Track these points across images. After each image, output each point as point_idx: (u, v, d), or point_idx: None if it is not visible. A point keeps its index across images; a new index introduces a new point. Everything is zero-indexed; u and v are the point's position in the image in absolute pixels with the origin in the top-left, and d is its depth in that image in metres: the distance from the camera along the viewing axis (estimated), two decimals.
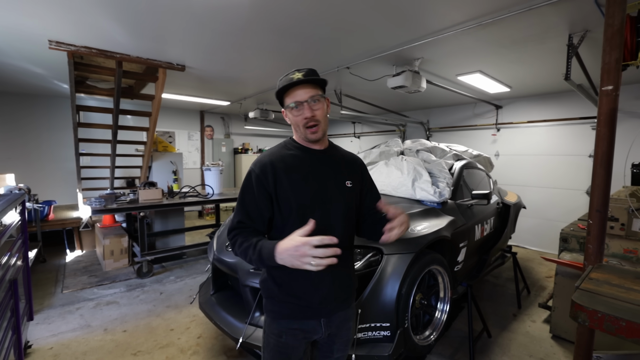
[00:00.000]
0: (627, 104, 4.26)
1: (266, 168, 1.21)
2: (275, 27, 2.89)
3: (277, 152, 1.27)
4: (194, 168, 8.29)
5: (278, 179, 1.20)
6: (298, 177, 1.22)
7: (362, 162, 1.44)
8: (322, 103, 1.23)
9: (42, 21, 2.78)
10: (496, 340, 2.78)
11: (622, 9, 1.70)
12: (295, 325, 1.25)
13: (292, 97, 1.21)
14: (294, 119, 1.23)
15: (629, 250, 2.56)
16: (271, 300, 1.28)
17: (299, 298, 1.23)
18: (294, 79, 1.19)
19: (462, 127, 6.59)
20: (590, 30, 2.76)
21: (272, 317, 1.28)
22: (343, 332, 1.35)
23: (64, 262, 4.63)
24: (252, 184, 1.21)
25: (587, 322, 1.12)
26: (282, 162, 1.23)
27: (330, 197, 1.25)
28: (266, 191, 1.20)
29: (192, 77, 4.65)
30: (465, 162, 3.52)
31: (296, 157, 1.26)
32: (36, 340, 2.70)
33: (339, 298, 1.30)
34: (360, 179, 1.38)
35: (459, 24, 2.74)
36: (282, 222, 1.22)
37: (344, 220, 1.28)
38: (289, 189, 1.20)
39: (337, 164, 1.32)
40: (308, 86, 1.21)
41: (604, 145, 1.72)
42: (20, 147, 5.90)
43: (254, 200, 1.21)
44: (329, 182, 1.27)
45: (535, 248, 5.57)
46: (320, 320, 1.27)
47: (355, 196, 1.34)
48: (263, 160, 1.25)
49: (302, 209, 1.20)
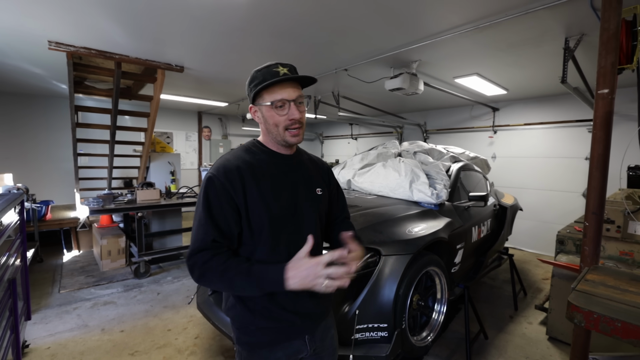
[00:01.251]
0: (623, 107, 4.30)
1: (233, 175, 1.03)
2: (274, 29, 2.90)
3: (242, 156, 1.10)
4: (191, 169, 8.29)
5: (247, 188, 1.04)
6: (268, 185, 1.07)
7: (329, 167, 1.35)
8: (305, 106, 1.11)
9: (41, 22, 2.78)
10: (493, 342, 2.79)
11: (618, 13, 1.72)
12: (279, 353, 1.11)
13: (277, 94, 1.05)
14: (276, 119, 1.07)
15: (624, 253, 2.58)
16: (244, 330, 1.11)
17: (279, 320, 1.08)
18: (280, 73, 1.04)
19: (459, 129, 6.62)
20: (586, 33, 2.80)
21: (249, 349, 1.11)
22: (327, 343, 1.24)
23: (61, 262, 4.61)
24: (217, 193, 1.02)
25: (583, 323, 1.14)
26: (249, 168, 1.07)
27: (303, 207, 1.13)
28: (234, 202, 1.02)
29: (191, 78, 4.65)
30: (463, 164, 3.54)
31: (263, 162, 1.11)
32: (33, 340, 2.69)
33: (319, 309, 1.18)
34: (328, 185, 1.28)
35: (456, 27, 2.77)
36: (251, 238, 1.06)
37: (317, 229, 1.17)
38: (260, 200, 1.04)
39: (306, 169, 1.21)
40: (296, 84, 1.08)
41: (600, 148, 1.74)
42: (18, 147, 5.88)
43: (222, 212, 1.02)
44: (300, 190, 1.14)
45: (531, 250, 5.60)
46: (304, 338, 1.14)
47: (325, 204, 1.25)
48: (227, 165, 1.06)
49: (275, 221, 1.06)
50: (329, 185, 1.30)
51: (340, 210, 1.36)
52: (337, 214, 1.34)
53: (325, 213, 1.25)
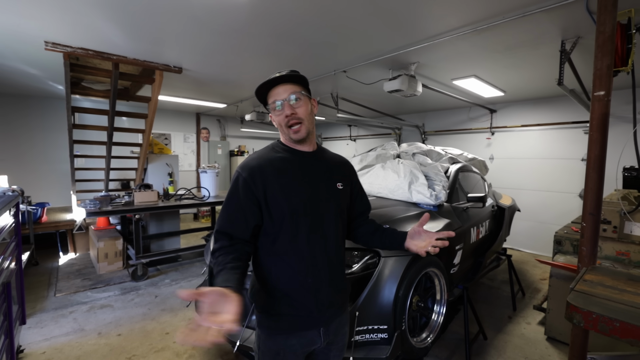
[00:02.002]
0: (618, 109, 4.35)
1: (255, 172, 1.15)
2: (274, 30, 2.91)
3: (265, 155, 1.22)
4: (189, 170, 8.26)
5: (268, 184, 1.15)
6: (288, 180, 1.17)
7: (351, 166, 1.42)
8: (304, 101, 1.18)
9: (38, 22, 2.77)
10: (492, 343, 2.80)
11: (613, 16, 1.74)
12: (294, 341, 1.18)
13: (273, 97, 1.18)
14: (277, 119, 1.20)
15: (621, 253, 2.60)
16: (266, 314, 1.20)
17: (297, 308, 1.16)
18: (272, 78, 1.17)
19: (457, 130, 6.65)
20: (582, 36, 2.82)
21: (268, 333, 1.20)
22: (339, 338, 1.31)
23: (57, 265, 4.57)
24: (239, 188, 1.15)
25: (582, 323, 1.14)
26: (271, 165, 1.18)
27: (323, 200, 1.21)
28: (254, 196, 1.14)
29: (189, 79, 4.64)
30: (461, 165, 3.55)
31: (285, 160, 1.21)
32: (28, 344, 2.66)
33: (336, 303, 1.25)
34: (350, 182, 1.36)
35: (454, 29, 2.78)
36: (273, 229, 1.16)
37: (337, 223, 1.24)
38: (280, 193, 1.15)
39: (327, 166, 1.29)
40: (288, 84, 1.17)
41: (597, 149, 1.76)
42: (13, 149, 5.83)
43: (240, 205, 1.14)
44: (320, 184, 1.23)
45: (529, 250, 5.63)
46: (319, 329, 1.21)
47: (347, 198, 1.32)
48: (251, 163, 1.18)
49: (295, 213, 1.15)
50: (352, 183, 1.38)
51: (365, 204, 1.45)
52: (361, 209, 1.43)
53: (346, 207, 1.33)
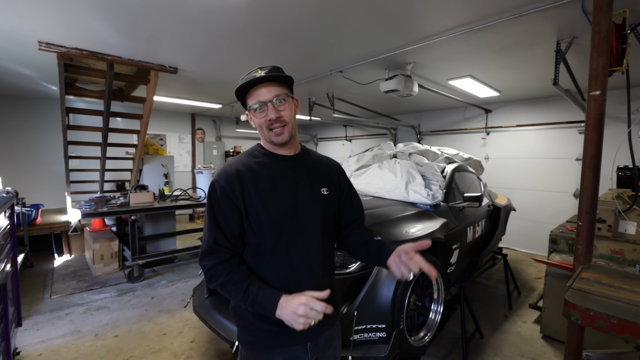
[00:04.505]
0: (613, 108, 4.39)
1: (232, 179, 1.08)
2: (270, 30, 2.90)
3: (243, 161, 1.14)
4: (185, 171, 8.22)
5: (245, 190, 1.07)
6: (267, 187, 1.09)
7: (339, 167, 1.32)
8: (288, 103, 1.10)
9: (31, 22, 2.74)
10: (488, 341, 2.81)
11: (609, 16, 1.76)
12: (277, 357, 1.10)
13: (255, 97, 1.08)
14: (257, 121, 1.10)
15: (615, 251, 2.63)
16: (245, 329, 1.13)
17: (278, 324, 1.01)
18: (256, 77, 1.06)
19: (453, 130, 6.68)
20: (577, 37, 2.85)
21: (249, 348, 1.12)
22: (330, 352, 1.21)
23: (52, 267, 4.52)
24: (218, 197, 1.08)
25: (580, 320, 1.16)
26: (249, 171, 1.10)
27: (305, 208, 1.12)
28: (234, 204, 1.07)
29: (184, 80, 4.62)
30: (457, 165, 3.57)
31: (264, 165, 1.13)
32: (25, 347, 2.63)
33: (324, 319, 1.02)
34: (338, 185, 1.26)
35: (450, 29, 2.80)
36: (254, 238, 1.09)
37: (322, 232, 1.15)
38: (258, 201, 1.07)
39: (310, 169, 1.20)
40: (272, 84, 1.07)
41: (592, 148, 1.78)
42: (7, 150, 5.76)
43: (223, 215, 1.07)
44: (301, 191, 1.13)
45: (524, 250, 5.67)
46: (306, 345, 1.13)
47: (333, 204, 1.22)
48: (227, 170, 1.11)
49: (274, 222, 1.07)
50: (339, 185, 1.27)
51: (356, 211, 1.32)
52: (351, 217, 1.31)
53: (333, 213, 1.22)
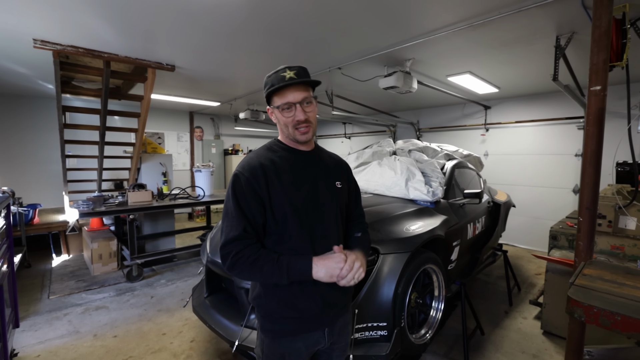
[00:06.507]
0: (612, 104, 4.37)
1: (257, 171, 1.14)
2: (268, 27, 2.87)
3: (264, 154, 1.20)
4: (183, 170, 8.18)
5: (270, 182, 1.14)
6: (289, 179, 1.17)
7: (347, 165, 1.42)
8: (313, 105, 1.19)
9: (26, 19, 2.70)
10: (489, 338, 2.81)
11: (609, 11, 1.74)
12: (299, 343, 1.19)
13: (284, 98, 1.14)
14: (284, 120, 1.17)
15: (616, 247, 2.62)
16: (269, 318, 1.20)
17: (301, 310, 1.16)
18: (286, 77, 1.12)
19: (452, 127, 6.67)
20: (577, 32, 2.83)
21: (272, 337, 1.20)
22: (343, 338, 1.32)
23: (50, 267, 4.49)
24: (243, 188, 1.12)
25: (583, 317, 1.14)
26: (271, 164, 1.17)
27: (323, 198, 1.22)
28: (258, 196, 1.13)
29: (182, 78, 4.58)
30: (457, 161, 3.56)
31: (284, 159, 1.20)
32: (22, 348, 2.61)
33: (340, 303, 1.27)
34: (347, 181, 1.36)
35: (450, 25, 2.78)
36: (276, 228, 1.16)
37: (338, 221, 1.25)
38: (282, 192, 1.14)
39: (325, 164, 1.30)
40: (300, 87, 1.15)
41: (593, 144, 1.76)
42: (3, 149, 5.71)
43: (248, 205, 1.12)
44: (319, 183, 1.23)
45: (524, 246, 5.68)
46: (324, 330, 1.23)
47: (345, 197, 1.34)
48: (251, 162, 1.17)
49: (297, 212, 1.15)
50: (348, 181, 1.38)
51: (356, 207, 1.44)
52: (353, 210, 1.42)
53: (345, 205, 1.34)
